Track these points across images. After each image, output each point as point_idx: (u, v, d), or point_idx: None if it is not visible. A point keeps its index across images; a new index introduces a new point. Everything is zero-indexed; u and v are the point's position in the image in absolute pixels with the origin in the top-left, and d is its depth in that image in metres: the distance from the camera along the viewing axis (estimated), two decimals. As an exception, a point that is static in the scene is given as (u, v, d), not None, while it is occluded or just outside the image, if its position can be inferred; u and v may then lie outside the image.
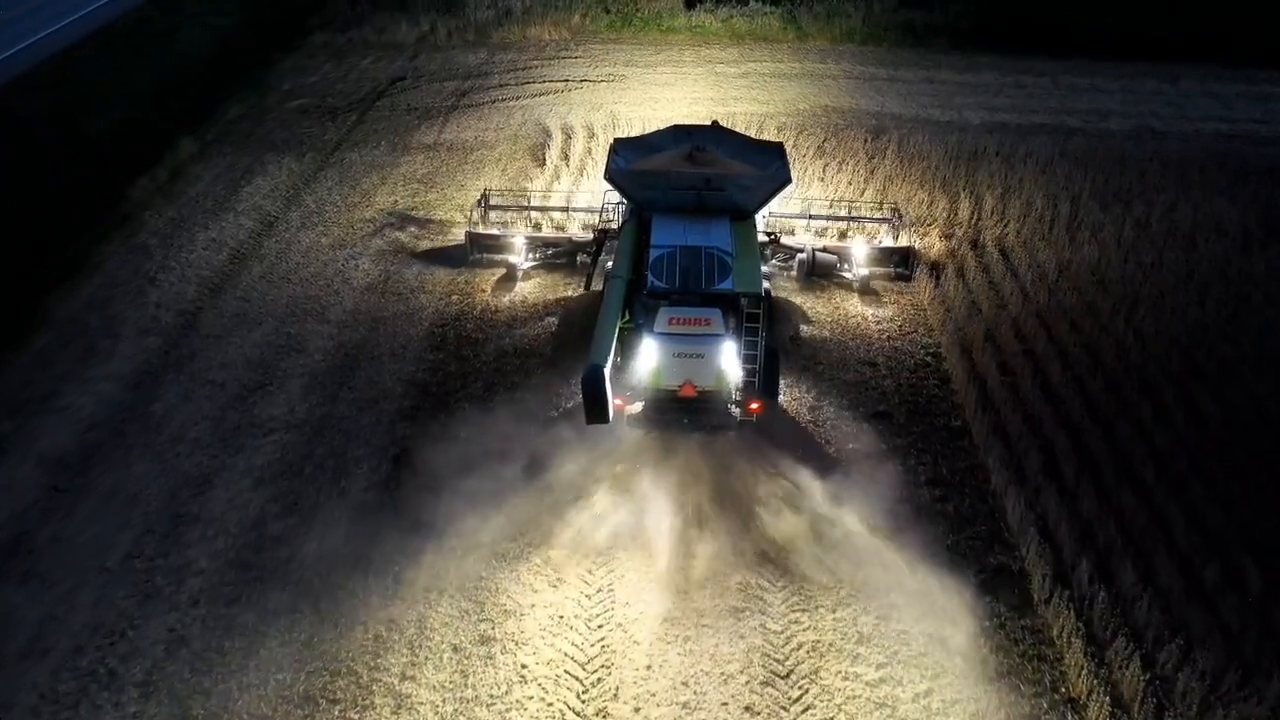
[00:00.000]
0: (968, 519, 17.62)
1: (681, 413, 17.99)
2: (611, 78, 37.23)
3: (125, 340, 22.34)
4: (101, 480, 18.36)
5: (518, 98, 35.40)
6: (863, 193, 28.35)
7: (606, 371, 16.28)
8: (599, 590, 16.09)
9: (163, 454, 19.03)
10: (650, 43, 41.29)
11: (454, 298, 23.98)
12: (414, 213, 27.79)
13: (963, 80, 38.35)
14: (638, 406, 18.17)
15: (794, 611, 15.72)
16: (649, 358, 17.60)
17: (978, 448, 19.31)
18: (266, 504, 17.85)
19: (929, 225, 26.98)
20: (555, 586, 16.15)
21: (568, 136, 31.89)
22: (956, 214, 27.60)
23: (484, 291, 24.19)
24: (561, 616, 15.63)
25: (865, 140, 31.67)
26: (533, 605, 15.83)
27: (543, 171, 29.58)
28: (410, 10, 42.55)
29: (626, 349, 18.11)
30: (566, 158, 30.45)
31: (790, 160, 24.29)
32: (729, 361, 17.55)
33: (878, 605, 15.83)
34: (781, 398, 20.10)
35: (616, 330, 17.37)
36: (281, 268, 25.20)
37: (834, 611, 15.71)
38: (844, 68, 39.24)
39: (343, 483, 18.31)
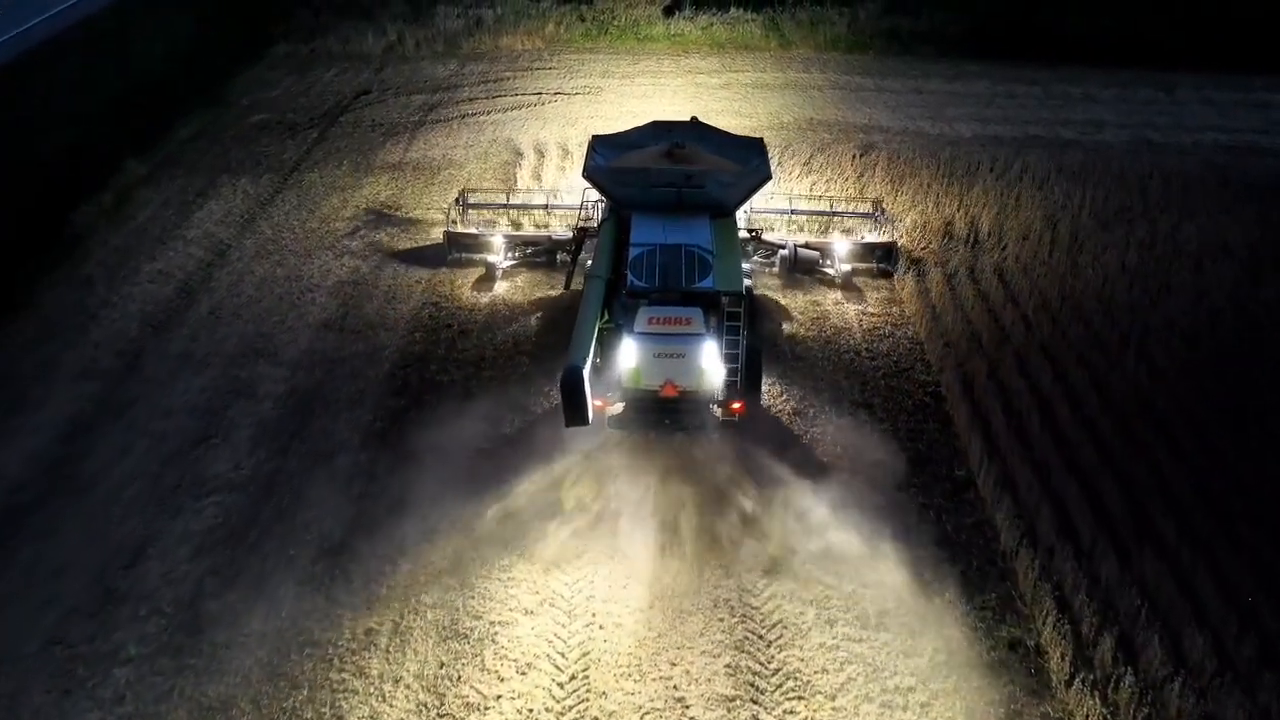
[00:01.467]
0: (976, 585, 16.09)
1: (662, 413, 17.65)
2: (587, 90, 35.62)
3: (59, 386, 20.56)
4: (24, 550, 16.60)
5: (488, 112, 33.74)
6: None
7: (585, 372, 15.90)
8: (572, 678, 14.46)
9: (94, 518, 17.28)
10: (627, 52, 39.71)
11: (418, 334, 22.33)
12: (377, 238, 26.09)
13: (952, 90, 36.97)
14: (618, 407, 17.75)
15: (788, 699, 14.14)
16: (629, 358, 17.17)
17: (984, 500, 17.83)
18: (205, 577, 16.13)
19: (923, 249, 25.50)
20: (524, 673, 14.51)
21: (541, 155, 30.29)
22: (951, 237, 26.15)
23: (449, 328, 22.54)
24: (531, 710, 14.00)
25: (854, 156, 30.19)
26: (499, 696, 14.19)
27: (514, 195, 27.90)
28: (377, 20, 40.77)
29: (606, 349, 17.72)
30: (539, 178, 28.83)
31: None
32: (710, 361, 17.12)
33: (880, 690, 14.29)
34: (770, 452, 18.57)
35: (596, 330, 17.02)
36: (232, 302, 23.46)
37: (833, 699, 14.14)
38: (829, 77, 37.79)
39: (290, 551, 16.60)
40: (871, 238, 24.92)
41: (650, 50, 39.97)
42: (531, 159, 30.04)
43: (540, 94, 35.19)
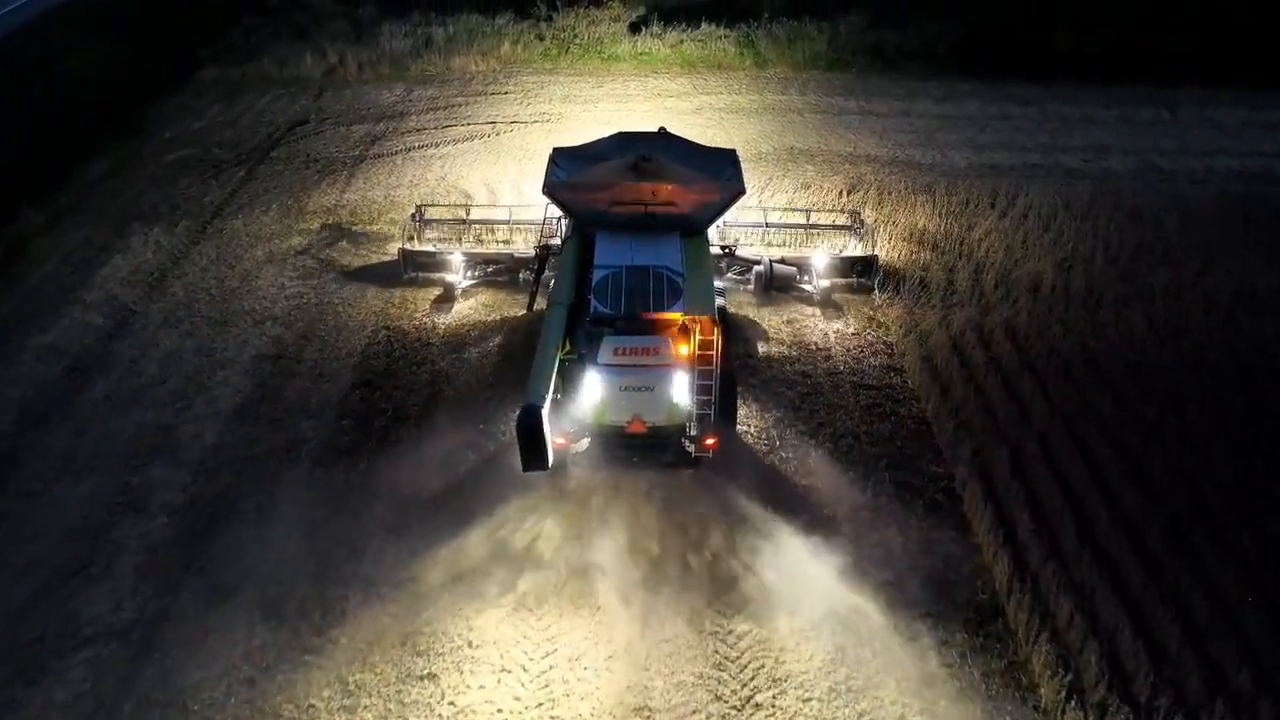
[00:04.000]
0: (1015, 757, 13.23)
1: (630, 450, 16.49)
2: (546, 117, 32.46)
3: (-90, 504, 17.27)
4: None
5: (436, 144, 30.53)
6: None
7: (544, 412, 14.72)
8: None
9: (-70, 688, 14.07)
10: (590, 73, 36.54)
11: (346, 422, 19.16)
12: (304, 301, 22.86)
13: (943, 112, 34.16)
14: (583, 444, 16.42)
15: None
16: (593, 392, 15.94)
17: (1014, 635, 14.93)
18: (63, 772, 12.99)
19: (927, 307, 22.60)
20: None
21: (492, 195, 27.11)
22: (954, 289, 23.29)
23: (384, 413, 19.36)
24: None
25: (841, 193, 27.32)
26: None
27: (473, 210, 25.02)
28: (316, 40, 37.27)
29: (568, 382, 16.30)
30: (490, 227, 25.63)
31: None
32: (681, 394, 15.93)
33: None
34: (760, 569, 15.69)
35: (556, 363, 15.76)
36: (131, 384, 20.18)
37: None
38: (809, 99, 34.86)
39: (173, 730, 13.48)
40: (851, 251, 23.74)
41: (615, 71, 36.83)
42: (483, 201, 26.83)
43: (494, 122, 32.01)
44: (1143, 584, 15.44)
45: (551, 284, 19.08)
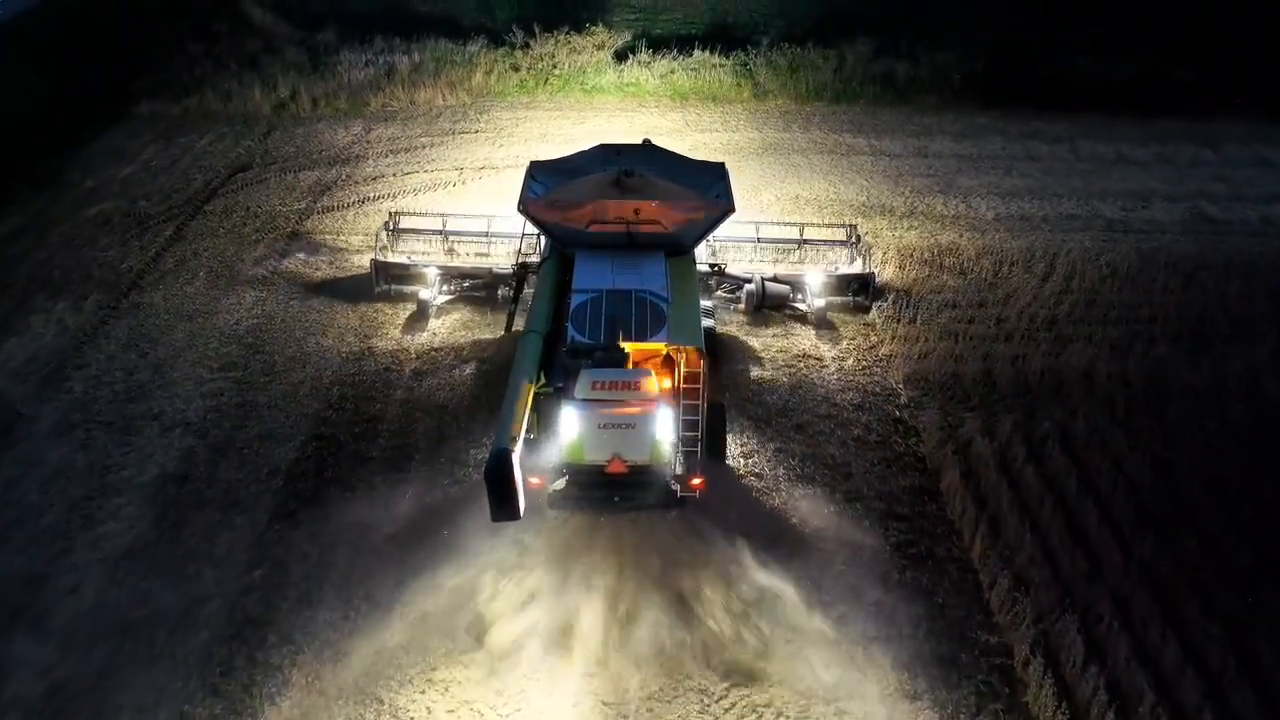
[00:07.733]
0: None
1: (611, 489, 15.03)
2: (521, 162, 28.22)
3: None
4: None
5: (395, 194, 26.91)
6: (872, 348, 20.56)
7: (515, 457, 13.40)
8: None
9: None
10: (571, 108, 32.92)
11: (258, 574, 15.54)
12: (225, 400, 19.28)
13: (962, 151, 30.72)
14: (560, 483, 15.13)
15: None
16: (569, 429, 14.64)
17: None
18: None
19: (962, 408, 19.11)
20: None
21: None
22: (994, 382, 19.81)
23: (307, 558, 15.76)
24: None
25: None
26: None
27: (419, 331, 21.34)
28: (266, 70, 33.52)
29: (544, 418, 15.15)
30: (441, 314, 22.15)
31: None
32: (665, 431, 14.64)
33: None
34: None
35: (529, 400, 14.41)
36: (2, 517, 16.57)
37: None
38: (814, 137, 31.36)
39: None
40: (846, 269, 22.65)
41: (599, 105, 33.24)
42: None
43: (462, 169, 28.41)
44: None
45: (529, 305, 17.67)
